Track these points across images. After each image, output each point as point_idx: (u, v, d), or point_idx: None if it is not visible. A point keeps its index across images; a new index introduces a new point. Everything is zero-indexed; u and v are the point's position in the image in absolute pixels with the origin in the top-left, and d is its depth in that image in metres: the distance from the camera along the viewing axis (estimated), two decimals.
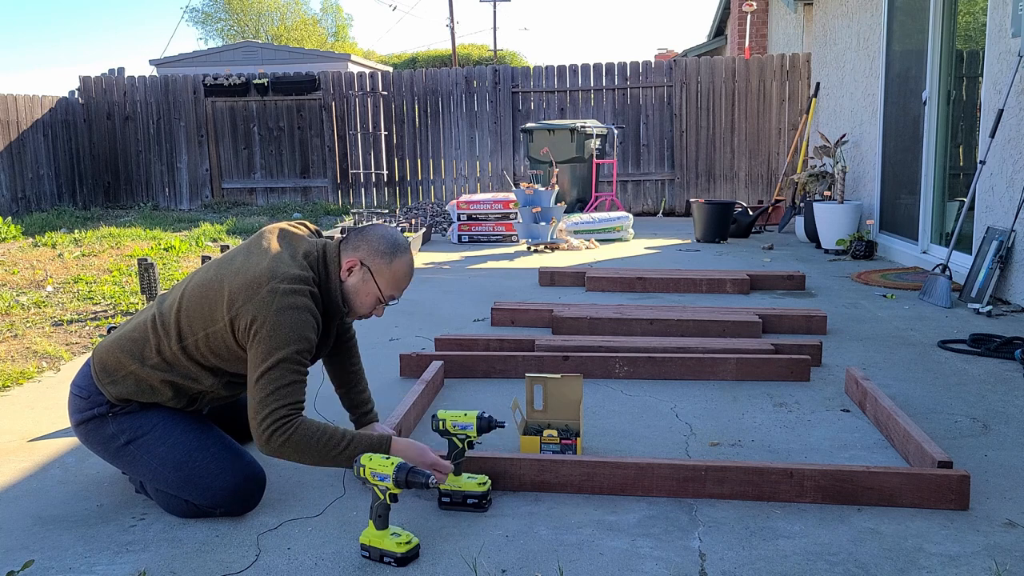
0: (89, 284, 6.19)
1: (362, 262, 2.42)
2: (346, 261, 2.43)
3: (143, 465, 2.40)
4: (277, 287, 2.28)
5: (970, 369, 3.80)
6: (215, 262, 2.49)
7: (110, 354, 2.44)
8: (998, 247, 5.06)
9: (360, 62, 23.42)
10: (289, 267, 2.34)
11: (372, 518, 2.14)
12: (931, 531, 2.27)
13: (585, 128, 9.42)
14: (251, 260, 2.38)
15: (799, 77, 10.64)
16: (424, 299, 5.54)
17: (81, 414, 2.47)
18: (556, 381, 2.83)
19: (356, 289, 2.44)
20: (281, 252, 2.40)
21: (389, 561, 2.12)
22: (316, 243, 2.48)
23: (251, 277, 2.32)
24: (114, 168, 12.19)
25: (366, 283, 2.43)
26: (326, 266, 2.44)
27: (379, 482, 2.13)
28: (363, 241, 2.45)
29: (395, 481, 2.10)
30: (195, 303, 2.39)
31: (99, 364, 2.46)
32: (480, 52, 37.90)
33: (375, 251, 2.43)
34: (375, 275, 2.43)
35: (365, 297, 2.45)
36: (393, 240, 2.46)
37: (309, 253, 2.43)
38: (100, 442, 2.46)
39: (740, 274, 5.67)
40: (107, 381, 2.42)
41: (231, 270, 2.38)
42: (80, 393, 2.48)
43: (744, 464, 2.48)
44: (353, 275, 2.43)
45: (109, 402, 2.43)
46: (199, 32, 55.31)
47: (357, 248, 2.44)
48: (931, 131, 6.60)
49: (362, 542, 2.16)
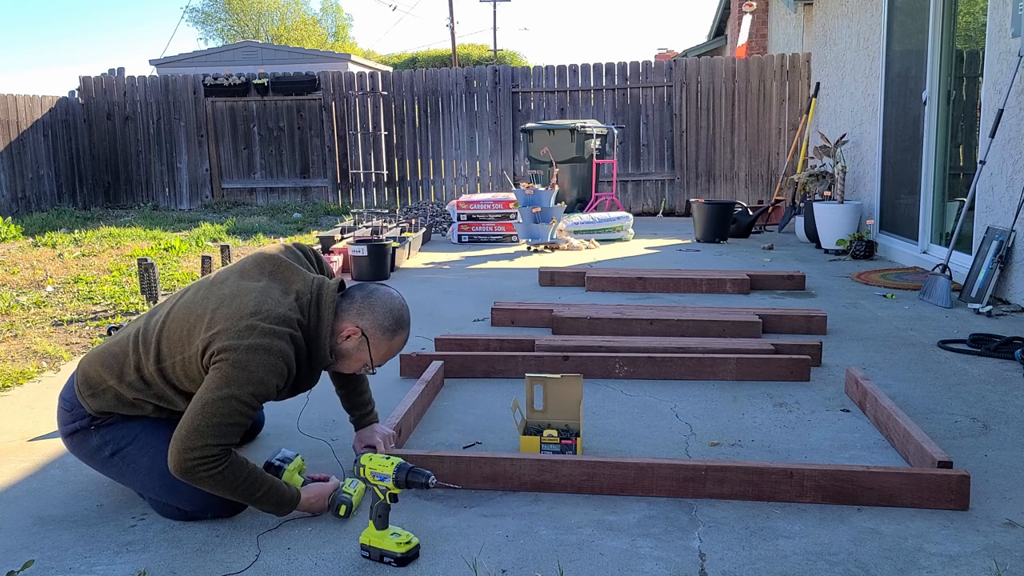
0: (89, 284, 6.19)
1: (363, 332, 2.37)
2: (347, 327, 2.37)
3: (130, 475, 2.39)
4: (257, 324, 2.21)
5: (970, 369, 3.80)
6: (207, 282, 2.43)
7: (92, 367, 2.42)
8: (998, 247, 5.06)
9: (360, 62, 23.43)
10: (276, 305, 2.27)
11: (372, 518, 2.14)
12: (931, 531, 2.27)
13: (585, 128, 9.42)
14: (241, 288, 2.32)
15: (799, 77, 10.64)
16: (424, 299, 5.54)
17: (66, 426, 2.46)
18: (556, 381, 2.83)
19: (349, 353, 2.41)
20: (272, 286, 2.33)
21: (389, 561, 2.11)
22: (311, 282, 2.39)
23: (236, 308, 2.25)
24: (114, 168, 12.19)
25: (360, 351, 2.40)
26: (319, 311, 2.35)
27: (379, 482, 2.13)
28: (368, 310, 2.38)
29: (395, 481, 2.11)
30: (177, 324, 2.33)
31: (82, 376, 2.43)
32: (480, 52, 37.91)
33: (379, 325, 2.38)
34: (371, 347, 2.39)
35: (354, 362, 2.43)
36: (399, 316, 2.41)
37: (303, 293, 2.35)
38: (87, 454, 2.46)
39: (740, 274, 5.67)
40: (88, 394, 2.40)
41: (218, 295, 2.32)
42: (64, 405, 2.47)
43: (744, 464, 2.48)
44: (350, 341, 2.38)
45: (91, 415, 2.41)
46: (199, 32, 55.35)
47: (362, 315, 2.37)
48: (931, 131, 6.60)
49: (362, 542, 2.16)
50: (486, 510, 2.43)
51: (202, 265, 5.93)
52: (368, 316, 2.37)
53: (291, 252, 2.52)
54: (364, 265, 6.27)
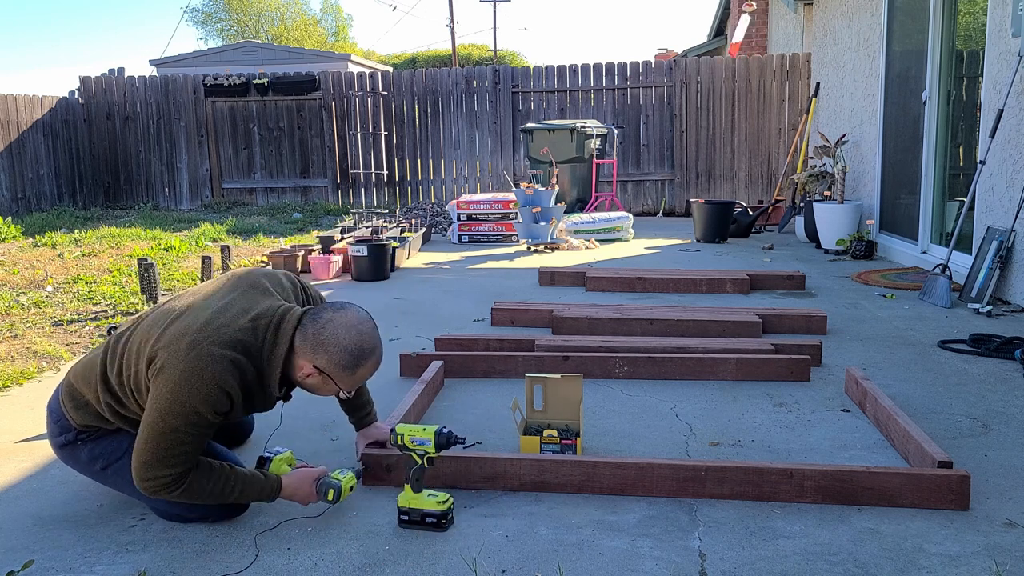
0: (89, 284, 6.19)
1: (322, 371, 2.23)
2: (305, 367, 2.23)
3: (127, 486, 2.35)
4: (198, 343, 2.12)
5: (970, 369, 3.80)
6: (186, 292, 2.39)
7: (76, 378, 2.38)
8: (998, 247, 5.06)
9: (360, 62, 23.42)
10: (229, 326, 2.18)
11: (409, 482, 2.27)
12: (931, 531, 2.27)
13: (585, 128, 9.42)
14: (204, 302, 2.26)
15: (799, 77, 10.64)
16: (424, 299, 5.54)
17: (55, 438, 2.44)
18: (556, 381, 2.83)
19: (315, 387, 2.29)
20: (233, 304, 2.25)
21: (431, 520, 2.25)
22: (275, 308, 2.27)
23: (187, 322, 2.18)
24: (114, 168, 12.19)
25: (326, 385, 2.28)
26: (275, 337, 2.22)
27: (418, 447, 2.28)
28: (321, 349, 2.20)
29: (436, 445, 2.27)
30: (139, 335, 2.25)
31: (66, 388, 2.41)
32: (480, 52, 37.89)
33: (335, 363, 2.22)
34: (335, 380, 2.26)
35: (324, 393, 2.34)
36: (355, 351, 2.22)
37: (262, 316, 2.23)
38: (79, 466, 2.45)
39: (740, 274, 5.67)
40: (71, 406, 2.37)
41: (180, 307, 2.27)
42: (52, 417, 2.45)
43: (744, 464, 2.48)
44: (311, 378, 2.26)
45: (76, 428, 2.38)
46: (199, 32, 55.32)
47: (316, 354, 2.21)
48: (931, 131, 6.60)
49: (401, 505, 2.28)
50: (486, 510, 2.43)
51: (202, 265, 5.93)
52: (322, 355, 2.21)
53: (273, 277, 2.44)
54: (364, 265, 6.27)
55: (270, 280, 2.41)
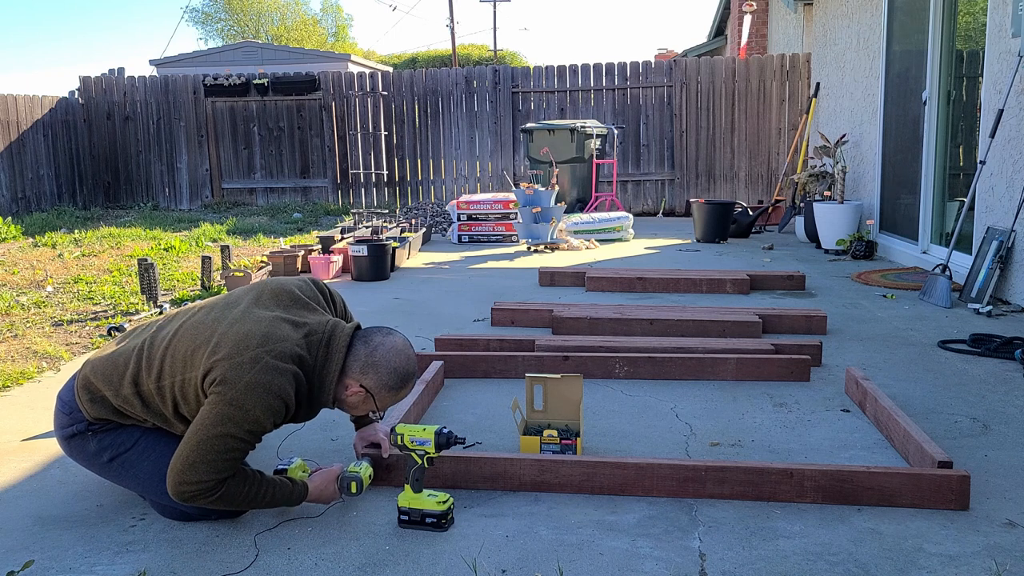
0: (89, 284, 6.19)
1: (368, 391, 2.33)
2: (352, 384, 2.32)
3: (131, 479, 2.38)
4: (262, 357, 2.18)
5: (970, 369, 3.80)
6: (220, 303, 2.40)
7: (94, 373, 2.39)
8: (998, 247, 5.06)
9: (360, 62, 23.41)
10: (285, 340, 2.24)
11: (409, 482, 2.27)
12: (931, 531, 2.27)
13: (585, 128, 9.42)
14: (252, 315, 2.29)
15: (799, 77, 10.64)
16: (424, 299, 5.54)
17: (63, 429, 2.44)
18: (556, 381, 2.83)
19: (355, 406, 2.38)
20: (284, 319, 2.30)
21: (431, 521, 2.25)
22: (326, 323, 2.35)
23: (244, 335, 2.22)
24: (114, 168, 12.19)
25: (366, 403, 2.37)
26: (327, 353, 2.31)
27: (418, 447, 2.28)
28: (372, 370, 2.31)
29: (436, 445, 2.28)
30: (184, 344, 2.29)
31: (82, 380, 2.41)
32: (480, 52, 37.90)
33: (383, 384, 2.33)
34: (377, 400, 2.36)
35: (360, 411, 2.41)
36: (403, 373, 2.34)
37: (313, 332, 2.31)
38: (85, 459, 2.44)
39: (740, 274, 5.67)
40: (87, 399, 2.38)
41: (228, 319, 2.29)
42: (63, 408, 2.45)
43: (744, 464, 2.48)
44: (356, 397, 2.35)
45: (88, 420, 2.39)
46: (199, 32, 55.28)
47: (365, 374, 2.31)
48: (931, 131, 6.60)
49: (401, 505, 2.28)
50: (486, 510, 2.43)
51: (202, 265, 5.93)
52: (372, 376, 2.31)
53: (309, 288, 2.48)
54: (364, 265, 6.27)
55: (303, 290, 2.46)
